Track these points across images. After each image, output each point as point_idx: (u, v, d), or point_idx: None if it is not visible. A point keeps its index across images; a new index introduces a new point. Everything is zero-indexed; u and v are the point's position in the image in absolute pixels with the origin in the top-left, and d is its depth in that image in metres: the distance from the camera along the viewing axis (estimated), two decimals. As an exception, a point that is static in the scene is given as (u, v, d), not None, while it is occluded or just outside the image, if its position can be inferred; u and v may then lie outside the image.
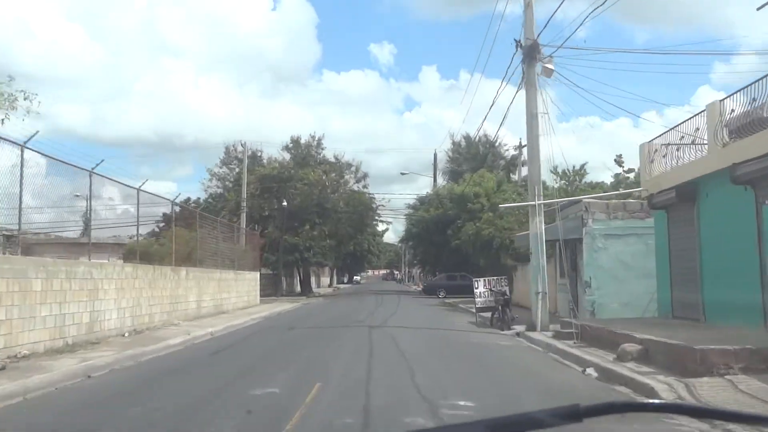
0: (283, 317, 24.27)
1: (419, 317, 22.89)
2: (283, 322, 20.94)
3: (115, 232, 22.86)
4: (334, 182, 47.87)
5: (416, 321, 21.36)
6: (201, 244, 25.22)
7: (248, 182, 46.81)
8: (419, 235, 46.32)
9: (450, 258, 44.48)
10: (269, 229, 45.42)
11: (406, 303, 33.28)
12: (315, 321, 21.26)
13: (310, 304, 34.70)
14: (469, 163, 51.94)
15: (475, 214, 42.19)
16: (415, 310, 27.53)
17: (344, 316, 22.78)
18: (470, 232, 32.42)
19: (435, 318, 23.04)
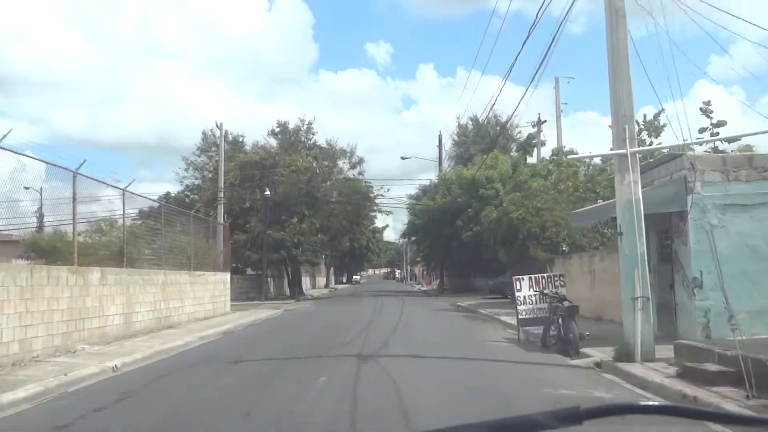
0: (246, 334, 17.72)
1: (433, 333, 16.15)
2: (238, 346, 14.30)
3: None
4: (326, 169, 41.34)
5: (430, 341, 14.23)
6: (135, 239, 18.83)
7: (227, 170, 40.33)
8: (424, 228, 39.81)
9: (460, 253, 37.95)
10: (252, 223, 38.92)
11: (411, 308, 26.73)
12: (282, 344, 14.22)
13: (295, 310, 28.14)
14: (478, 146, 45.38)
15: (488, 201, 35.73)
16: (425, 319, 20.96)
17: (327, 334, 16.10)
18: (492, 216, 25.73)
19: (456, 334, 16.23)
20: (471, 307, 25.89)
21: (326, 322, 19.60)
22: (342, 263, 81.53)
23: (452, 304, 29.48)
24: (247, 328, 19.63)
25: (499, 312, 21.55)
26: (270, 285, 44.08)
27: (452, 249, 38.13)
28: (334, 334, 15.56)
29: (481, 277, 40.45)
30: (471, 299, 33.16)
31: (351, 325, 17.60)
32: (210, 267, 24.62)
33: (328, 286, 66.12)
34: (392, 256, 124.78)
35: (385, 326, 16.97)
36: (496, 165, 38.28)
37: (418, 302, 31.73)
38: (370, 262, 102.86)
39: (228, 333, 17.94)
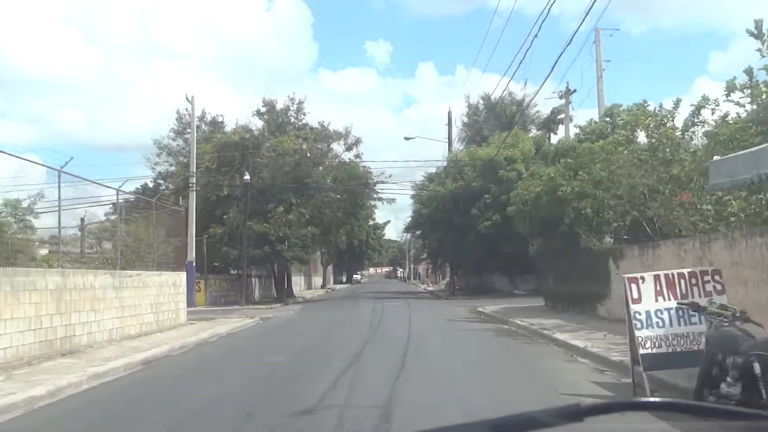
0: (166, 371, 11.24)
1: (468, 373, 9.31)
2: (105, 411, 7.83)
3: None
4: (317, 152, 34.98)
5: (467, 396, 7.34)
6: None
7: (202, 153, 34.06)
8: (431, 218, 33.45)
9: (475, 247, 31.58)
10: (230, 214, 32.62)
11: (420, 316, 20.38)
12: (197, 402, 7.76)
13: (272, 320, 21.81)
14: (492, 127, 39.04)
15: (509, 186, 29.36)
16: (445, 338, 14.30)
17: (290, 375, 9.30)
18: (527, 194, 19.19)
19: (506, 374, 9.32)
20: (498, 315, 19.56)
21: (301, 344, 13.15)
22: (340, 261, 75.32)
23: (471, 309, 23.16)
24: (185, 353, 13.29)
25: (545, 324, 15.24)
26: (255, 286, 37.80)
27: (466, 242, 31.80)
28: (302, 375, 9.11)
29: (500, 276, 34.09)
30: (491, 302, 26.83)
31: (335, 352, 11.21)
32: (154, 265, 18.32)
33: (325, 286, 59.80)
34: (394, 254, 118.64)
35: (388, 356, 10.53)
36: (518, 144, 31.97)
37: (427, 307, 25.37)
38: (371, 261, 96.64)
39: (148, 364, 11.61)
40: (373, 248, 78.22)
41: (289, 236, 32.29)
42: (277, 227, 32.24)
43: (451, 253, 33.40)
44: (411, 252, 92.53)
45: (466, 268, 35.13)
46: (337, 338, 13.87)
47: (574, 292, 18.74)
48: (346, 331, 15.11)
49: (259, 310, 28.06)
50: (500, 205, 30.08)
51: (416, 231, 44.43)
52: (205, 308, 30.64)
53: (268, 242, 31.98)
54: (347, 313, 22.16)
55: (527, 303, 24.62)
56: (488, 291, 33.34)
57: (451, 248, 32.81)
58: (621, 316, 15.14)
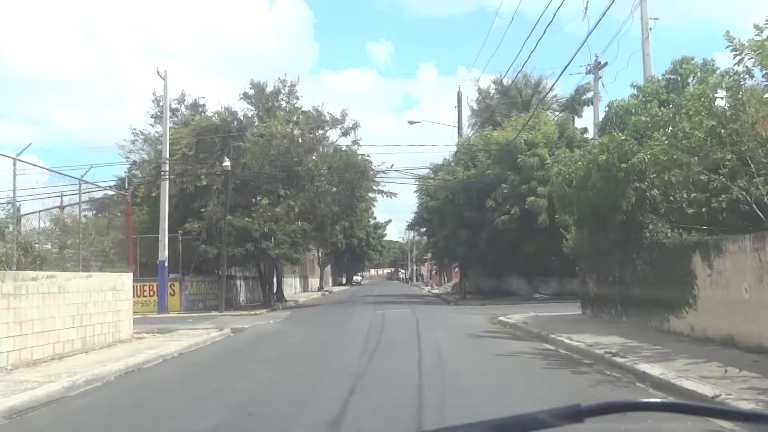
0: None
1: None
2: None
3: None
4: (310, 138, 30.51)
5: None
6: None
7: (178, 137, 29.68)
8: (439, 212, 28.98)
9: (491, 244, 27.13)
10: (209, 207, 28.19)
11: (432, 328, 15.87)
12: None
13: (245, 333, 17.34)
14: (506, 112, 34.59)
15: (530, 173, 24.97)
16: (476, 370, 9.63)
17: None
18: (574, 171, 14.41)
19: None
20: (531, 327, 15.08)
21: (257, 384, 8.52)
22: (339, 262, 70.91)
23: (492, 318, 18.72)
24: (80, 397, 8.80)
25: (605, 344, 10.80)
26: (240, 289, 33.32)
27: (479, 239, 27.35)
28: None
29: (517, 278, 29.61)
30: (512, 308, 22.36)
31: (303, 407, 6.71)
32: (79, 264, 13.91)
33: (322, 288, 55.33)
34: (396, 255, 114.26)
35: (391, 414, 6.07)
36: (538, 126, 27.53)
37: (437, 316, 20.82)
38: (371, 262, 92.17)
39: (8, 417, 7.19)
40: (373, 248, 73.79)
41: (276, 232, 27.84)
42: (262, 222, 27.79)
43: (461, 251, 28.91)
44: (413, 253, 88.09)
45: (479, 269, 30.65)
46: (313, 372, 9.34)
47: (631, 298, 14.29)
48: (332, 359, 10.60)
49: (239, 318, 23.68)
50: (519, 195, 25.72)
51: (420, 228, 40.04)
52: (177, 314, 26.23)
53: (251, 239, 27.53)
54: (339, 325, 17.65)
55: (557, 310, 20.18)
56: (504, 295, 28.87)
57: (462, 246, 28.32)
58: (713, 335, 10.73)
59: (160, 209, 27.32)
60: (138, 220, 32.40)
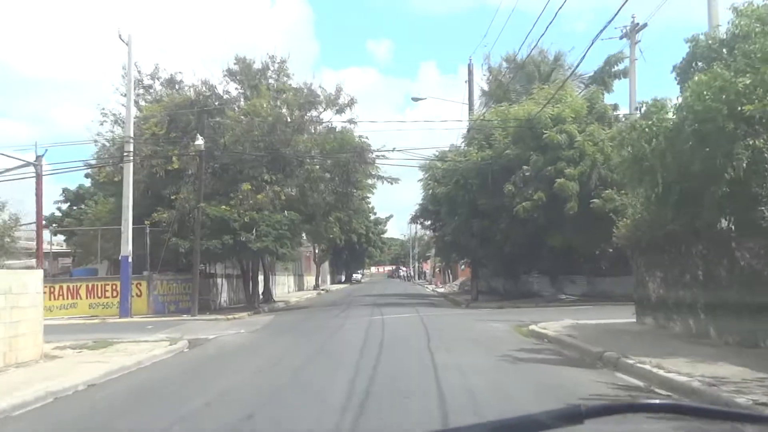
0: None
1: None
2: None
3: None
4: (299, 118, 26.31)
5: None
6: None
7: (149, 115, 25.61)
8: (449, 200, 24.79)
9: (509, 236, 22.94)
10: (182, 195, 24.07)
11: (448, 343, 11.67)
12: None
13: (203, 348, 13.15)
14: (522, 90, 30.39)
15: (556, 153, 20.83)
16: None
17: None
18: (656, 127, 10.09)
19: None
20: (584, 344, 10.88)
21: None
22: (338, 259, 66.78)
23: (519, 327, 14.62)
24: None
25: (732, 379, 6.67)
26: (221, 288, 29.17)
27: (495, 230, 23.17)
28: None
29: (538, 276, 25.44)
30: (537, 313, 18.32)
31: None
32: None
33: (318, 286, 51.16)
34: (397, 252, 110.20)
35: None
36: (564, 98, 23.36)
37: (450, 323, 16.52)
38: (372, 259, 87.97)
39: None
40: (374, 245, 69.62)
41: (258, 223, 23.68)
42: (243, 211, 23.64)
43: (473, 245, 24.72)
44: (415, 250, 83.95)
45: (494, 265, 26.38)
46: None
47: (725, 305, 10.13)
48: (295, 415, 6.40)
49: (210, 324, 19.61)
50: (544, 179, 21.57)
51: (425, 221, 35.79)
52: (142, 318, 22.19)
53: (229, 230, 23.38)
54: (325, 337, 13.38)
55: (598, 316, 16.17)
56: (523, 296, 24.71)
57: (475, 239, 24.13)
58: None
59: (123, 196, 23.23)
60: (105, 209, 28.37)
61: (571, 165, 21.35)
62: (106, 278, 24.32)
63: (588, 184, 21.36)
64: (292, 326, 16.89)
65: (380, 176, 26.45)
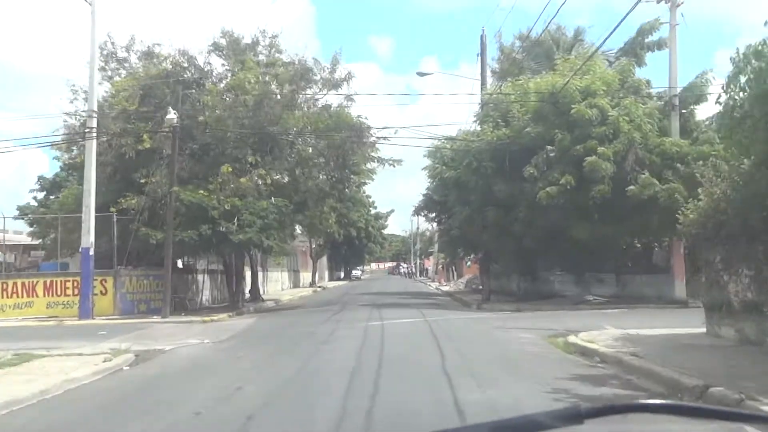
0: None
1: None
2: None
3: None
4: (290, 91, 23.05)
5: None
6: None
7: (120, 89, 22.45)
8: (458, 186, 21.58)
9: (530, 229, 19.73)
10: (155, 178, 20.87)
11: (471, 367, 8.44)
12: None
13: (142, 370, 9.92)
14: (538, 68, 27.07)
15: (586, 130, 17.65)
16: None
17: None
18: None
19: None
20: (662, 369, 7.70)
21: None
22: (336, 255, 63.63)
23: (552, 338, 11.49)
24: None
25: None
26: (203, 285, 26.00)
27: (512, 220, 19.96)
28: None
29: (560, 274, 22.28)
30: (566, 318, 15.17)
31: None
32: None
33: (315, 283, 47.97)
34: (398, 248, 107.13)
35: None
36: (593, 69, 20.14)
37: (466, 332, 13.22)
38: (372, 255, 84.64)
39: None
40: (374, 240, 66.31)
41: (241, 211, 20.49)
42: (223, 197, 20.45)
43: (486, 238, 21.52)
44: (417, 245, 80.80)
45: (509, 262, 23.06)
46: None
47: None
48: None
49: (179, 328, 16.52)
50: (572, 160, 18.41)
51: (429, 213, 32.58)
52: (105, 320, 19.08)
53: (207, 219, 20.18)
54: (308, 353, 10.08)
55: (645, 322, 13.06)
56: (543, 296, 21.52)
57: (489, 230, 20.94)
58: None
59: (84, 179, 20.08)
60: (71, 196, 25.09)
61: (605, 143, 18.16)
62: (67, 274, 21.16)
63: (623, 166, 18.16)
64: (272, 333, 13.68)
65: (381, 159, 23.21)
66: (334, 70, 23.40)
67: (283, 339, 12.16)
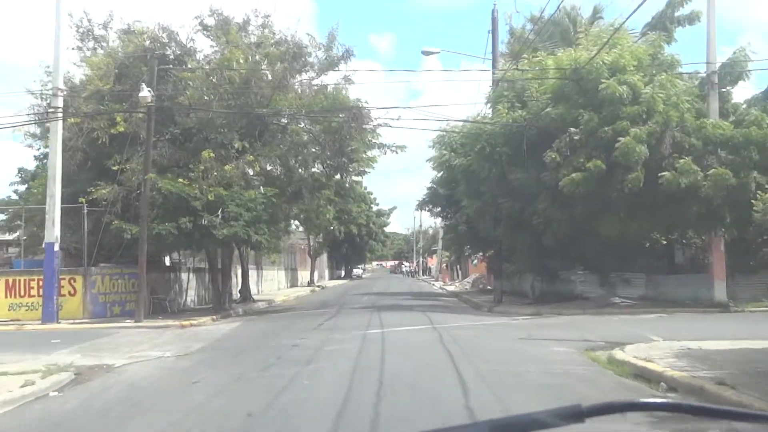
0: None
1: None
2: None
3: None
4: (282, 69, 20.66)
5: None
6: None
7: (94, 66, 20.20)
8: (467, 175, 19.23)
9: (551, 223, 17.36)
10: (131, 165, 18.54)
11: (506, 405, 5.86)
12: None
13: (71, 398, 7.46)
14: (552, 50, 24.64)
15: (616, 110, 15.28)
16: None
17: None
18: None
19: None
20: None
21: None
22: (337, 253, 61.33)
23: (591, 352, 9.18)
24: None
25: None
26: (186, 285, 23.68)
27: (529, 214, 17.58)
28: None
29: (582, 273, 19.92)
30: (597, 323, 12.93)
31: None
32: None
33: (313, 282, 45.62)
34: (400, 246, 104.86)
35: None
36: (620, 43, 17.76)
37: (487, 344, 10.76)
38: (373, 253, 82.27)
39: None
40: (375, 238, 64.02)
41: (226, 202, 18.15)
42: (206, 187, 18.12)
43: (500, 233, 19.14)
44: (420, 243, 78.46)
45: (524, 259, 20.57)
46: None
47: None
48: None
49: (154, 334, 14.36)
50: (600, 143, 16.11)
51: (435, 207, 30.28)
52: (71, 324, 16.83)
53: (188, 211, 17.85)
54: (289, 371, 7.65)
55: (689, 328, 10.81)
56: (562, 298, 19.15)
57: (502, 225, 18.58)
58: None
59: (48, 165, 17.80)
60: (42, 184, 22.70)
61: (638, 124, 15.79)
62: (31, 272, 18.82)
63: (658, 150, 15.80)
64: (249, 345, 11.30)
65: (382, 144, 20.84)
66: (330, 47, 21.05)
67: (259, 353, 9.80)
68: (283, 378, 7.23)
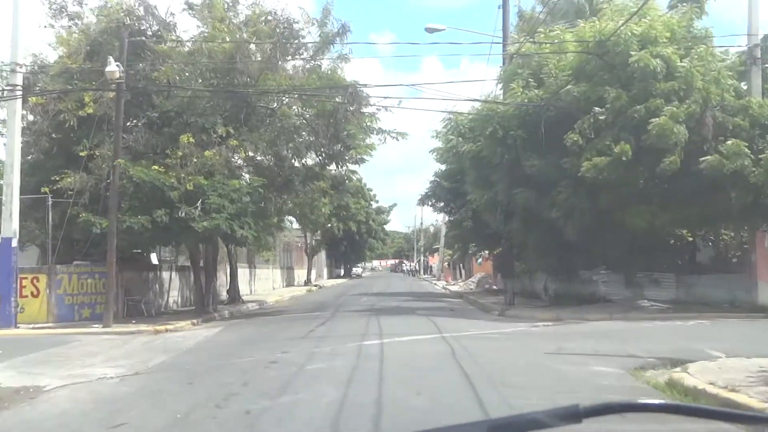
0: None
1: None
2: None
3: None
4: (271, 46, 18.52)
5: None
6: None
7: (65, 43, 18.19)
8: (477, 163, 17.14)
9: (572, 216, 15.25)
10: (101, 151, 16.46)
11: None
12: None
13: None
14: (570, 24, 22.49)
15: (648, 86, 13.08)
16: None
17: None
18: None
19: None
20: None
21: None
22: (336, 251, 59.27)
23: (653, 373, 7.12)
24: None
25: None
26: (168, 285, 21.57)
27: (547, 206, 15.49)
28: None
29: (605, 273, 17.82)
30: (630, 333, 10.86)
31: None
32: None
33: (310, 281, 43.50)
34: (400, 245, 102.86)
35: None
36: (649, 13, 15.67)
37: (513, 363, 8.70)
38: (373, 252, 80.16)
39: None
40: (375, 236, 61.91)
41: (207, 192, 16.06)
42: (184, 176, 16.03)
43: (513, 227, 17.06)
44: (421, 242, 76.40)
45: (538, 257, 18.42)
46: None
47: None
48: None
49: (120, 342, 12.49)
50: (630, 124, 14.08)
51: (438, 202, 28.20)
52: (32, 329, 14.79)
53: (164, 202, 15.76)
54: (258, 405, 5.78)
55: (741, 338, 8.88)
56: (581, 300, 17.02)
57: (520, 215, 16.50)
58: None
59: (6, 151, 15.74)
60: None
61: (673, 102, 13.72)
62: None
63: (698, 131, 13.73)
64: (219, 361, 9.18)
65: (381, 130, 18.75)
66: (324, 23, 18.94)
67: (224, 375, 7.71)
68: (240, 421, 5.15)
